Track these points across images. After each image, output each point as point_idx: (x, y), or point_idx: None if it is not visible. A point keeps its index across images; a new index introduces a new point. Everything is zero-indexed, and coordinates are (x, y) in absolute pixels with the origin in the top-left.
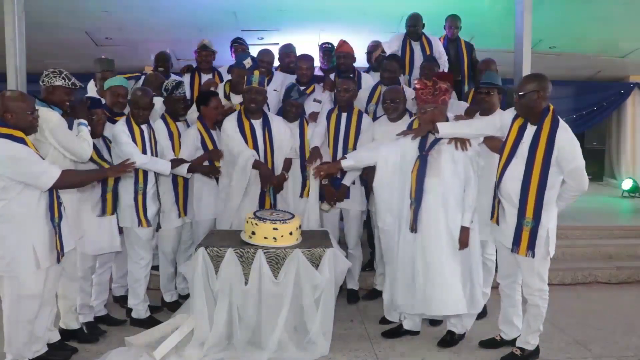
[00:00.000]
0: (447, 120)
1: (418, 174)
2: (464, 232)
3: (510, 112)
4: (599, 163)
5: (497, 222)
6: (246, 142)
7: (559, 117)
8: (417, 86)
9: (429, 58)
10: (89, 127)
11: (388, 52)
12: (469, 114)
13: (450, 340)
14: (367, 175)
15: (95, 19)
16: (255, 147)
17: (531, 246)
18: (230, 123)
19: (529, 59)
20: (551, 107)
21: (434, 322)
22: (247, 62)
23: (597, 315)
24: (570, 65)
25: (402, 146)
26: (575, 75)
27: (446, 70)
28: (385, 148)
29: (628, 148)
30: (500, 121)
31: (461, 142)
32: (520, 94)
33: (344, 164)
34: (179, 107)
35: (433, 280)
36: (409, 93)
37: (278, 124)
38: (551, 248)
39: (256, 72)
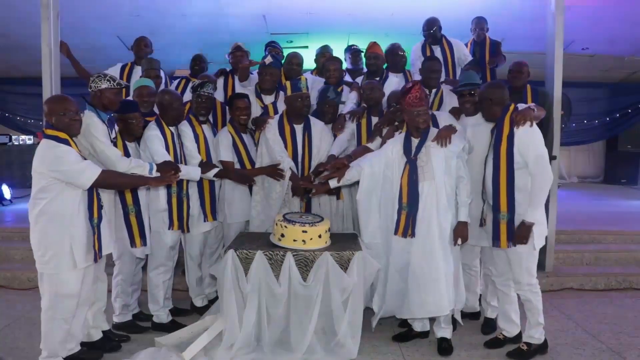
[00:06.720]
0: (431, 121)
1: (409, 179)
2: (462, 227)
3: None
4: (634, 167)
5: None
6: (286, 146)
7: None
8: (415, 92)
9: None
10: (154, 168)
11: (413, 68)
12: (454, 114)
13: (448, 346)
14: None
15: (127, 23)
16: (295, 151)
17: (510, 237)
18: (271, 127)
19: (560, 60)
20: (512, 106)
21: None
22: (268, 60)
23: (632, 322)
24: (603, 66)
25: (385, 155)
26: (608, 77)
27: None
28: (368, 161)
29: None
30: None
31: (444, 139)
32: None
33: (332, 184)
34: (201, 106)
35: (430, 282)
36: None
37: (320, 129)
38: (537, 242)
39: (303, 78)
